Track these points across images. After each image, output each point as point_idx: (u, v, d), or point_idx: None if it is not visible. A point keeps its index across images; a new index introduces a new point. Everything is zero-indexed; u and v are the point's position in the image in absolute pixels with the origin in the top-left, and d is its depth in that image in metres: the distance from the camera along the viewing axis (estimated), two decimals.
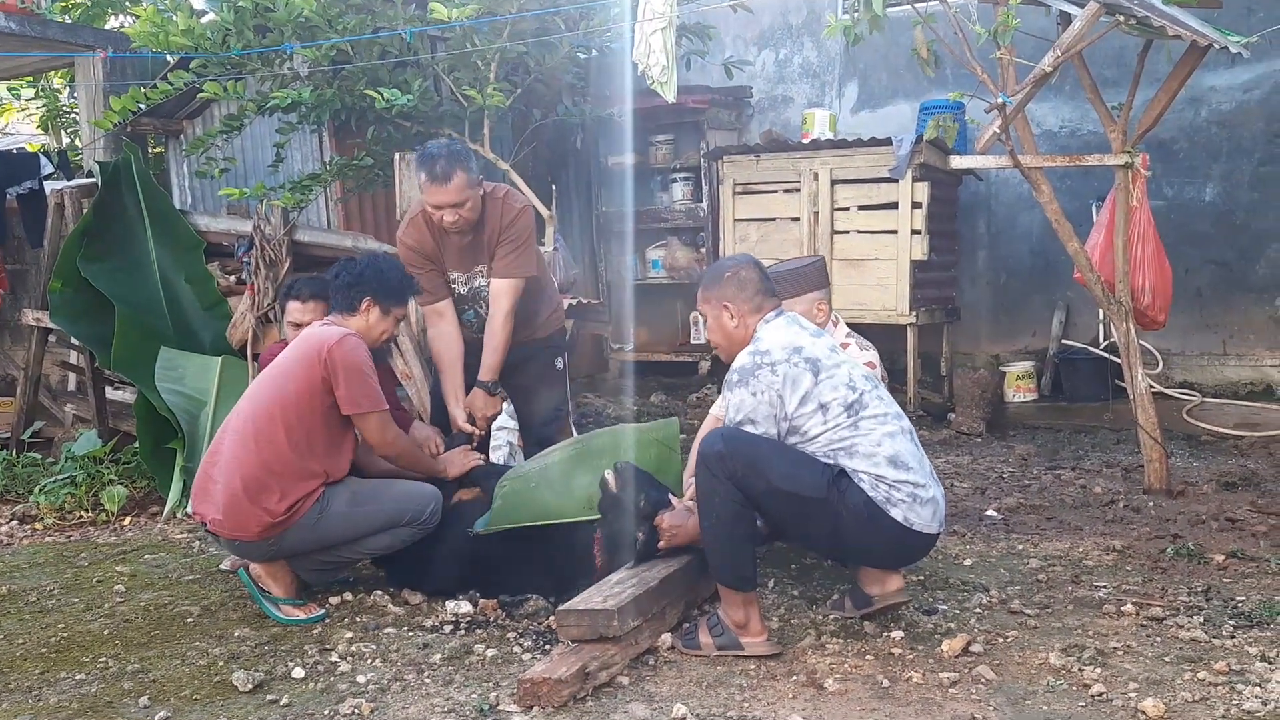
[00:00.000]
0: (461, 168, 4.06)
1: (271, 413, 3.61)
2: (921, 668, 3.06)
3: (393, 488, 3.79)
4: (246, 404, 3.73)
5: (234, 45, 5.68)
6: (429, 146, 4.20)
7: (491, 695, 2.97)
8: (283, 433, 3.58)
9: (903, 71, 7.87)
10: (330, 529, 3.64)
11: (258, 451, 3.58)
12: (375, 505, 3.70)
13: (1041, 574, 3.88)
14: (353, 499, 3.68)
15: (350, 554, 3.79)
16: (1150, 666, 3.02)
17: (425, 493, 3.78)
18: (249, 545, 3.62)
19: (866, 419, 3.16)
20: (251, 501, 3.54)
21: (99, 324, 5.61)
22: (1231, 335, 7.07)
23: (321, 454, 3.65)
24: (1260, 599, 3.51)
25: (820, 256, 4.27)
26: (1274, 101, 6.85)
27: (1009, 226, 7.77)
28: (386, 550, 3.80)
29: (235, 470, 3.57)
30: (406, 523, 3.72)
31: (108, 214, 5.84)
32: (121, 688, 3.18)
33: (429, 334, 4.40)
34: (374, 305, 3.85)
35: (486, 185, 4.25)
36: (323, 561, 3.78)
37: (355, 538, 3.70)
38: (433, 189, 4.08)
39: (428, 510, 3.74)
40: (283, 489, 3.56)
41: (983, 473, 5.55)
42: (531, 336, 4.49)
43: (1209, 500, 4.82)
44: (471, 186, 4.10)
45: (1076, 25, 4.46)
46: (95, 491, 5.38)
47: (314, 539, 3.64)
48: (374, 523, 3.68)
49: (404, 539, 3.76)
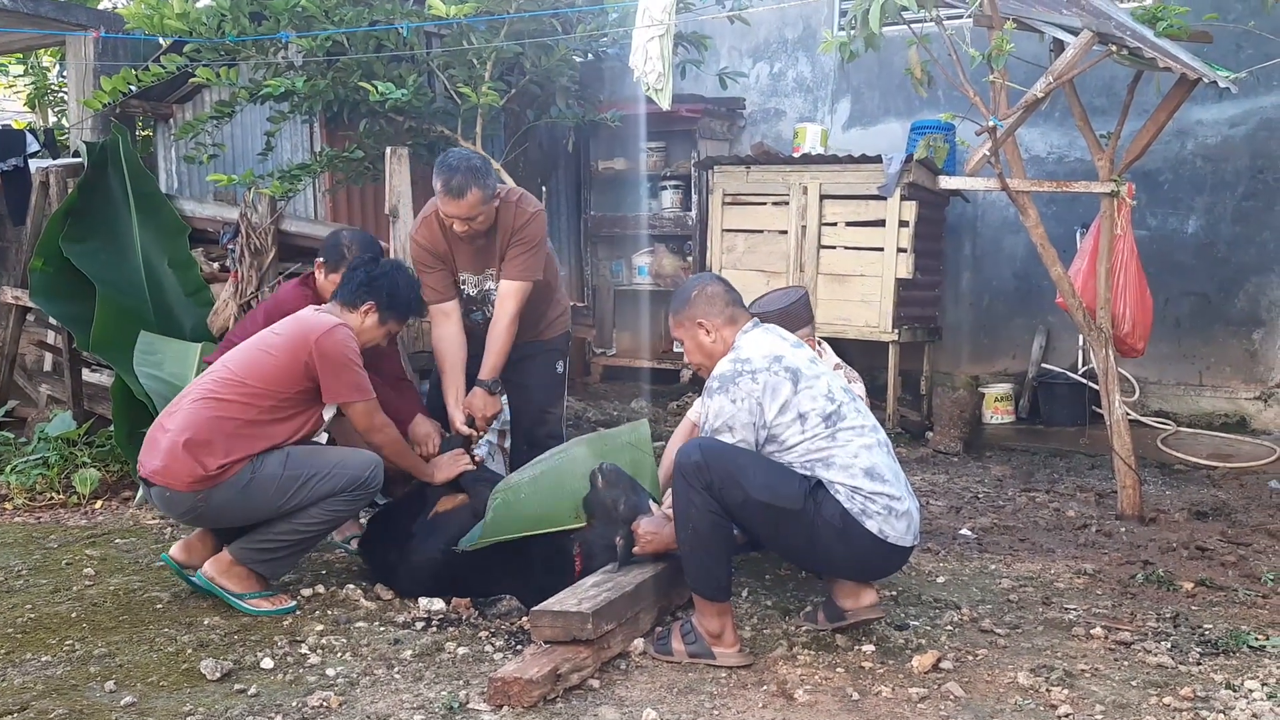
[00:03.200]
0: (478, 184, 4.04)
1: (245, 384, 3.59)
2: (891, 682, 3.08)
3: (329, 452, 3.73)
4: (221, 367, 3.70)
5: (229, 31, 5.66)
6: (450, 155, 4.16)
7: (461, 693, 2.97)
8: (247, 403, 3.57)
9: (895, 90, 7.91)
10: (260, 493, 3.54)
11: (217, 411, 3.55)
12: (309, 470, 3.59)
13: (1013, 594, 3.91)
14: (286, 462, 3.59)
15: (290, 531, 3.62)
16: (1117, 690, 3.05)
17: (364, 457, 3.70)
18: (176, 496, 3.53)
19: (844, 430, 3.17)
20: (189, 453, 3.48)
21: (79, 305, 5.57)
22: (1208, 366, 7.14)
23: (277, 426, 3.61)
24: (1227, 627, 3.54)
25: (804, 290, 4.30)
26: (1259, 137, 6.93)
27: (994, 249, 7.83)
28: (329, 524, 3.69)
29: (187, 424, 3.54)
30: (342, 489, 3.60)
31: (93, 195, 5.80)
32: (88, 671, 3.16)
33: (433, 334, 4.37)
34: (374, 311, 3.83)
35: (501, 189, 4.22)
36: (266, 545, 3.63)
37: (288, 506, 3.57)
38: (446, 200, 4.07)
39: (365, 475, 3.64)
40: (226, 449, 3.51)
41: (958, 492, 5.58)
42: (537, 337, 4.49)
43: (1180, 528, 4.87)
44: (485, 202, 4.09)
45: (1069, 53, 4.51)
46: (67, 474, 5.34)
47: (244, 503, 3.55)
48: (307, 489, 3.57)
49: (344, 509, 3.68)
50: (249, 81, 5.96)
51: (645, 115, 7.31)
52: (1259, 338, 6.98)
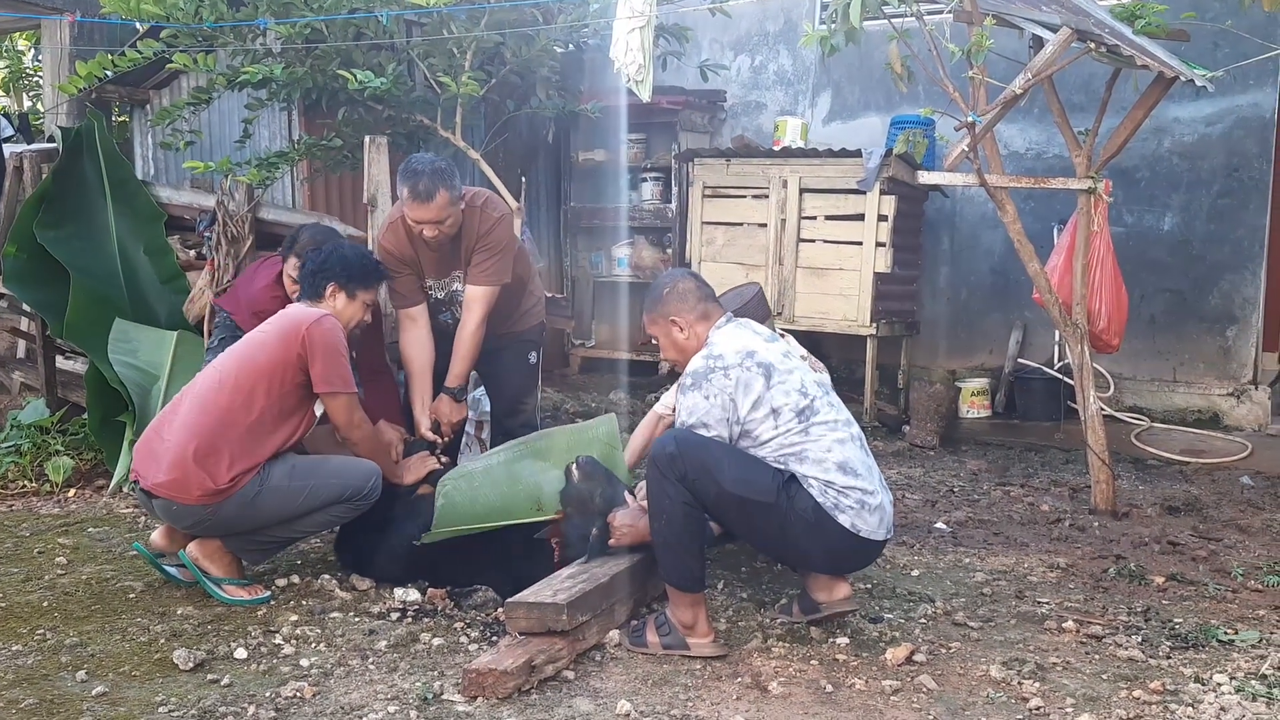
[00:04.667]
0: (445, 186, 4.02)
1: (240, 382, 3.58)
2: (865, 674, 3.10)
3: (332, 462, 3.76)
4: (214, 371, 3.70)
5: (206, 17, 5.60)
6: (413, 160, 4.15)
7: (436, 684, 2.97)
8: (247, 403, 3.56)
9: (875, 85, 7.93)
10: (268, 503, 3.57)
11: (218, 416, 3.54)
12: (314, 480, 3.65)
13: (986, 588, 3.93)
14: (291, 473, 3.62)
15: (288, 532, 3.72)
16: (1088, 683, 3.08)
17: (365, 468, 3.74)
18: (185, 509, 3.53)
19: (817, 425, 3.19)
20: (199, 464, 3.48)
21: (53, 291, 5.51)
22: (1182, 363, 7.20)
23: (277, 430, 3.61)
24: (1197, 621, 3.58)
25: (758, 285, 4.33)
26: (1235, 136, 6.98)
27: (972, 244, 7.86)
28: (324, 528, 3.80)
29: (191, 434, 3.52)
30: (346, 499, 3.67)
31: (67, 180, 5.74)
32: (59, 661, 3.14)
33: (401, 339, 4.36)
34: (339, 291, 3.83)
35: (467, 192, 4.22)
36: (261, 541, 3.70)
37: (293, 515, 3.63)
38: (414, 205, 4.06)
39: (367, 486, 3.70)
40: (233, 456, 3.51)
41: (934, 486, 5.61)
42: (510, 329, 4.49)
43: (1152, 523, 4.91)
44: (453, 204, 4.08)
45: (1048, 50, 4.53)
46: (40, 462, 5.29)
47: (251, 514, 3.57)
48: (313, 499, 3.63)
49: (342, 516, 3.73)
50: (227, 68, 5.90)
51: (626, 107, 7.29)
52: (1232, 334, 7.04)
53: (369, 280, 3.92)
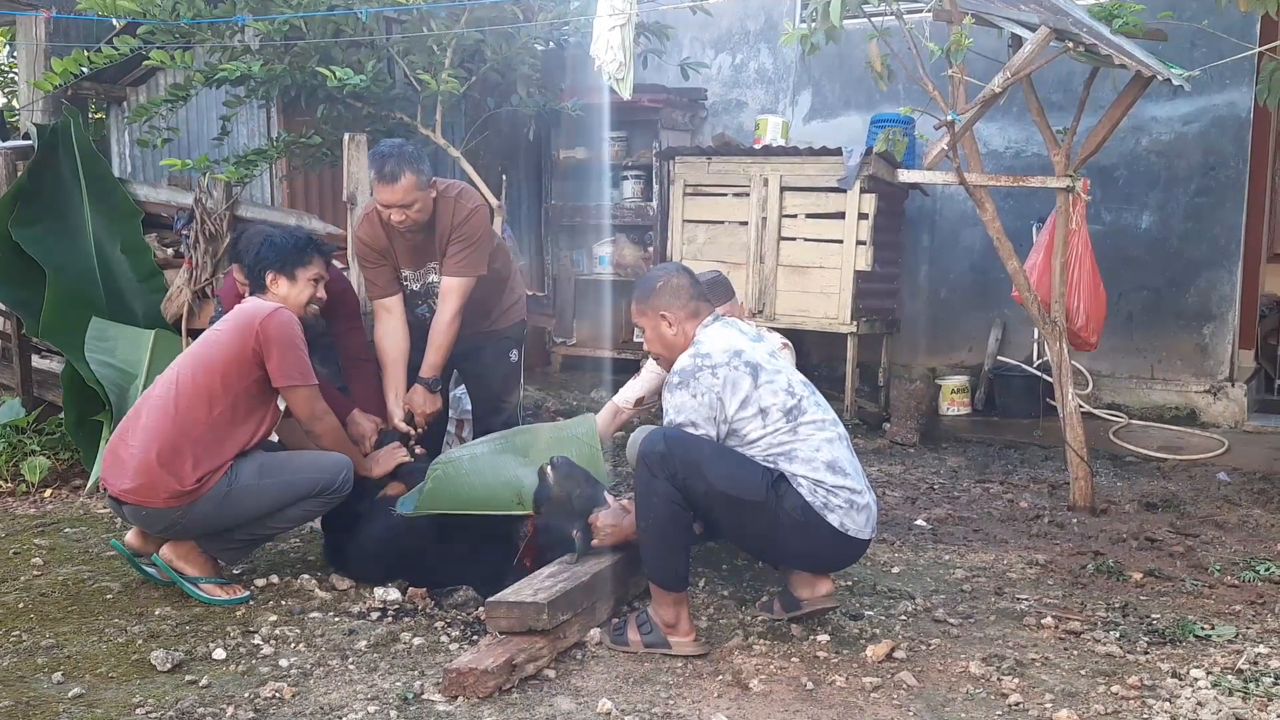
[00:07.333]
0: (411, 169, 4.03)
1: (197, 382, 3.56)
2: (845, 671, 3.10)
3: (301, 457, 3.75)
4: (171, 372, 3.67)
5: (184, 13, 5.56)
6: (381, 145, 4.18)
7: (416, 684, 2.96)
8: (206, 402, 3.53)
9: (855, 83, 7.94)
10: (239, 502, 3.56)
11: (177, 418, 3.51)
12: (285, 476, 3.63)
13: (966, 584, 3.95)
14: (261, 470, 3.61)
15: (262, 530, 3.71)
16: (1066, 678, 3.09)
17: (336, 461, 3.72)
18: (154, 513, 3.51)
19: (805, 424, 3.19)
20: (163, 466, 3.46)
21: (28, 290, 5.47)
22: (1160, 360, 7.25)
23: (240, 427, 3.59)
24: (1174, 617, 3.61)
25: (718, 271, 4.37)
26: (1211, 135, 7.03)
27: (951, 242, 7.89)
28: (298, 523, 3.80)
29: (153, 437, 3.50)
30: (318, 493, 3.65)
31: (43, 178, 5.69)
32: (35, 662, 3.11)
33: (375, 330, 4.36)
34: (279, 276, 3.81)
35: (440, 184, 4.22)
36: (236, 540, 3.69)
37: (265, 512, 3.62)
38: (381, 187, 4.07)
39: (339, 479, 3.68)
40: (196, 457, 3.49)
41: (914, 483, 5.63)
42: (491, 326, 4.48)
43: (1130, 519, 4.94)
44: (420, 188, 4.08)
45: (1027, 48, 4.55)
46: (16, 462, 5.25)
47: (223, 513, 3.55)
48: (284, 495, 3.61)
49: (316, 510, 3.73)
50: (204, 65, 5.86)
51: (607, 104, 7.29)
52: (1209, 332, 7.10)
53: (303, 257, 3.86)
